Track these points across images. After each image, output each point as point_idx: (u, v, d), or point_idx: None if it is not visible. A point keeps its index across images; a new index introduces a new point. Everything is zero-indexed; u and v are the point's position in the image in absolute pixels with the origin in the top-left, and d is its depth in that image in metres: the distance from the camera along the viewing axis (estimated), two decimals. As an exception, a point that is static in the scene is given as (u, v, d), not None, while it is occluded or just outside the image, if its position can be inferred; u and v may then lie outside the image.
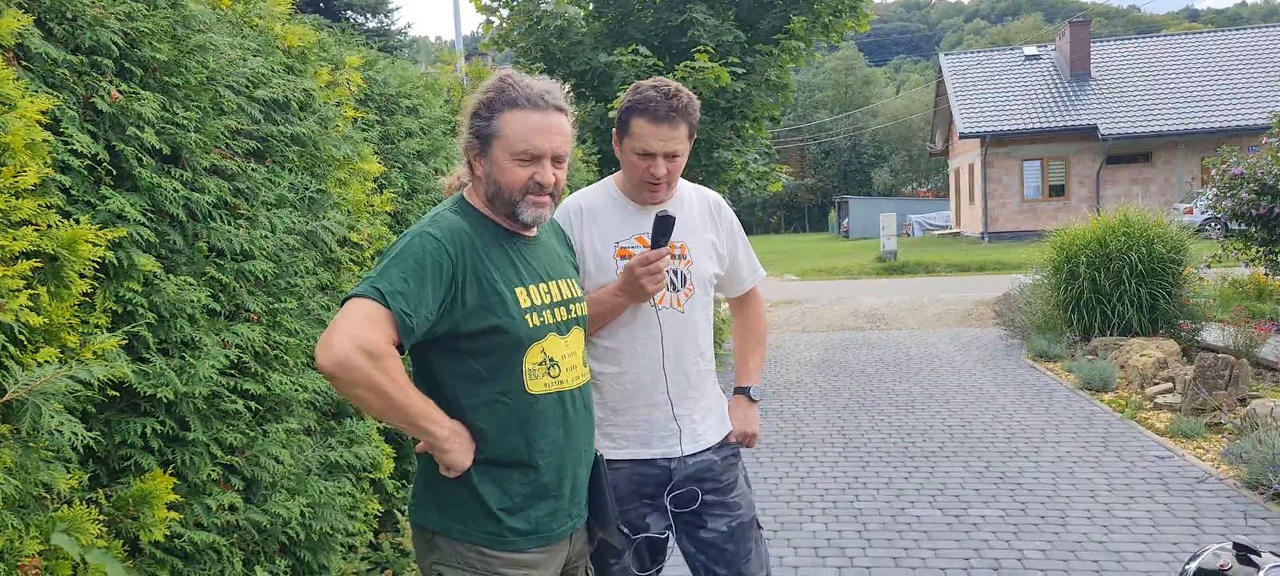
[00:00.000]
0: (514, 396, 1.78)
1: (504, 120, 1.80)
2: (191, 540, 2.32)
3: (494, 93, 1.82)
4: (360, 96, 3.84)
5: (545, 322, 1.82)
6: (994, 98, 27.24)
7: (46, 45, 2.10)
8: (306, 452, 2.90)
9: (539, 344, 1.80)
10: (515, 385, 1.78)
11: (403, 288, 1.65)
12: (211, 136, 2.56)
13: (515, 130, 1.80)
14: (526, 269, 1.84)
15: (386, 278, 1.66)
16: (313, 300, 3.02)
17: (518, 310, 1.77)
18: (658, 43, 9.13)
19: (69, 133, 2.11)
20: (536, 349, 1.79)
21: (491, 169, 1.81)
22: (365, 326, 1.61)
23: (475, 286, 1.74)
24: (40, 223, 1.96)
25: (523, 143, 1.80)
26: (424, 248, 1.70)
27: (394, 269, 1.67)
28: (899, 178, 51.52)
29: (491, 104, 1.81)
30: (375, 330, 1.61)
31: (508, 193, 1.82)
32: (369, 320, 1.62)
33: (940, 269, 20.45)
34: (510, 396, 1.78)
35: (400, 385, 1.64)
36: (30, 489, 1.87)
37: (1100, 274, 8.81)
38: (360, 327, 1.60)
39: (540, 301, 1.83)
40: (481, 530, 1.78)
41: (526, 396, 1.78)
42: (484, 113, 1.81)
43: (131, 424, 2.22)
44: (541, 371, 1.81)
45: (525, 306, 1.79)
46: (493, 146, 1.81)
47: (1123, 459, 5.50)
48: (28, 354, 1.88)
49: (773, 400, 7.69)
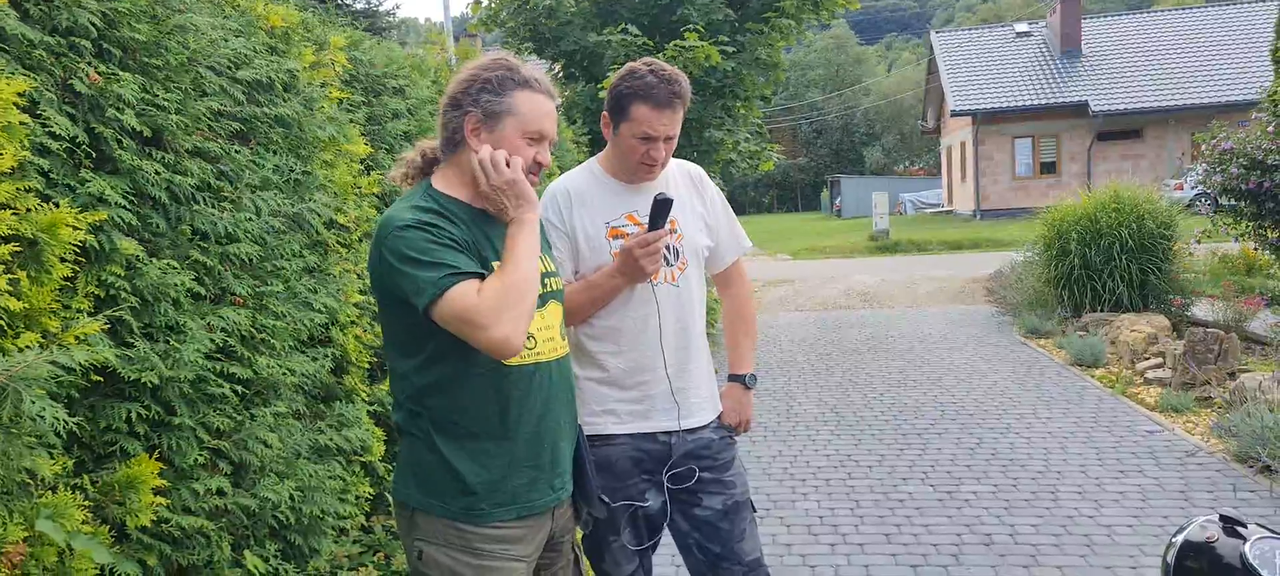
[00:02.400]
0: (485, 366, 1.77)
1: (518, 99, 1.81)
2: (179, 525, 2.31)
3: (503, 72, 1.81)
4: (345, 77, 3.80)
5: None
6: (985, 75, 27.21)
7: (22, 26, 2.06)
8: (295, 436, 2.89)
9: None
10: (495, 363, 1.77)
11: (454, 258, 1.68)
12: (193, 118, 2.53)
13: (530, 110, 1.82)
14: (499, 243, 1.83)
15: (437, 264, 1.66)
16: (299, 283, 3.00)
17: None
18: (647, 22, 9.07)
19: (47, 115, 2.08)
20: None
21: (498, 143, 1.82)
22: (474, 302, 1.64)
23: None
24: (19, 206, 1.93)
25: (536, 124, 1.83)
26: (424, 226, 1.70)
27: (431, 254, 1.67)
28: (891, 156, 51.50)
29: (503, 82, 1.81)
30: (475, 293, 1.65)
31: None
32: (471, 296, 1.65)
33: (933, 247, 20.47)
34: (481, 366, 1.77)
35: (509, 287, 1.67)
36: (13, 475, 1.85)
37: (1091, 250, 8.83)
38: (479, 309, 1.63)
39: None
40: (459, 504, 1.77)
41: (501, 367, 1.77)
42: (495, 89, 1.80)
43: (116, 409, 2.20)
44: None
45: None
46: (504, 123, 1.81)
47: (1113, 433, 5.53)
48: (8, 339, 1.86)
49: (765, 380, 7.70)
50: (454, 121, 1.81)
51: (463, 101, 1.80)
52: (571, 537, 2.04)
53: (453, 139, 1.83)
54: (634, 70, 2.21)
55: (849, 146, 51.99)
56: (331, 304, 3.15)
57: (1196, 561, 1.47)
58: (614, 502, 2.25)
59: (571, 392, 1.96)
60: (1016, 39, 28.80)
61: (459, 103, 1.80)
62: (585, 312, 2.24)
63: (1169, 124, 24.84)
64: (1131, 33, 27.51)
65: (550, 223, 2.27)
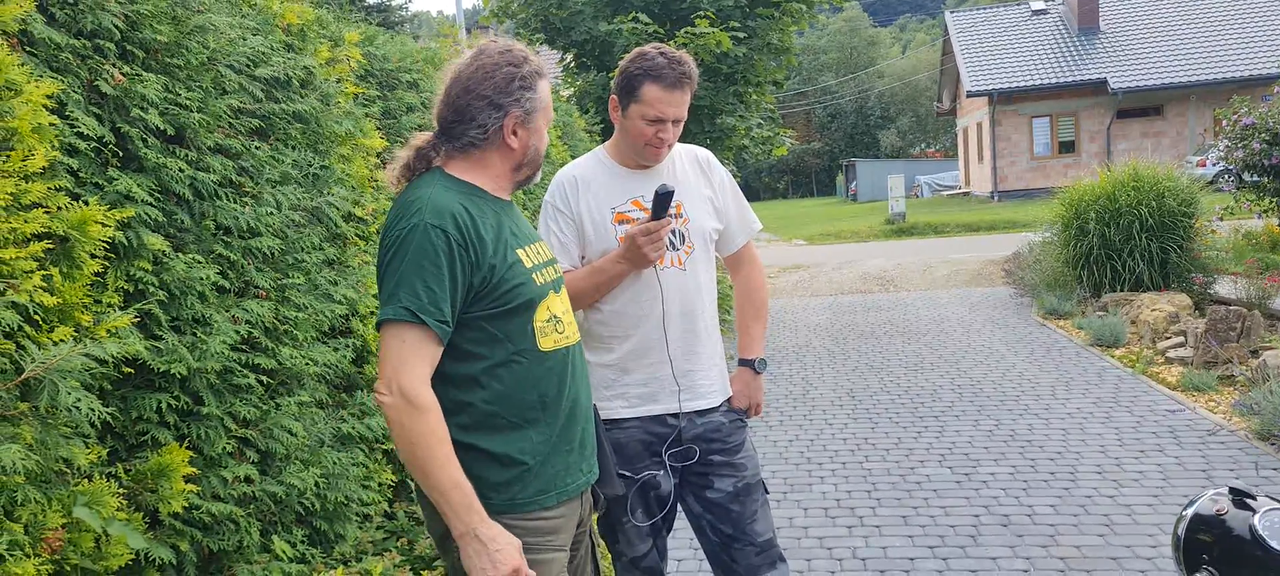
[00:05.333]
0: (528, 355, 1.78)
1: (542, 91, 1.86)
2: (209, 511, 2.38)
3: (526, 66, 1.81)
4: (361, 72, 3.85)
5: (546, 280, 1.85)
6: (1001, 54, 26.96)
7: (49, 30, 2.12)
8: (319, 425, 2.95)
9: (545, 301, 1.82)
10: (528, 343, 1.77)
11: (429, 295, 1.65)
12: (214, 116, 2.58)
13: (548, 100, 1.88)
14: (518, 231, 1.85)
15: (411, 291, 1.65)
16: (320, 275, 3.06)
17: (525, 269, 1.79)
18: (658, 9, 9.07)
19: (75, 116, 2.14)
20: (543, 306, 1.81)
21: (532, 138, 1.85)
22: (409, 362, 1.64)
23: (490, 254, 1.73)
24: (50, 205, 1.99)
25: (551, 110, 1.91)
26: (433, 241, 1.67)
27: (413, 275, 1.66)
28: (907, 139, 51.16)
29: (533, 78, 1.82)
30: (419, 357, 1.65)
31: (540, 156, 1.91)
32: (410, 349, 1.64)
33: (950, 229, 20.36)
34: (525, 355, 1.77)
35: (437, 442, 1.65)
36: (51, 464, 1.92)
37: (1110, 229, 8.76)
38: (403, 367, 1.64)
39: (538, 260, 1.85)
40: (503, 497, 1.75)
41: (539, 353, 1.78)
42: (531, 84, 1.81)
43: (147, 399, 2.27)
44: (550, 328, 1.82)
45: (529, 266, 1.81)
46: (536, 118, 1.84)
47: (1133, 413, 5.51)
48: (43, 333, 1.92)
49: (781, 364, 7.72)
50: (492, 120, 1.78)
51: (502, 101, 1.77)
52: (590, 525, 2.05)
53: (484, 136, 1.79)
54: (644, 53, 2.25)
55: (864, 130, 51.68)
56: (351, 295, 3.21)
57: (1207, 534, 1.49)
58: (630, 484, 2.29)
59: (587, 375, 1.99)
60: (1033, 17, 28.49)
61: (498, 103, 1.77)
62: (591, 298, 2.28)
63: (1190, 100, 24.54)
64: (1150, 8, 27.16)
65: (556, 209, 2.31)
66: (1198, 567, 1.46)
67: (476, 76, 1.78)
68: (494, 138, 1.80)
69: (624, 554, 2.42)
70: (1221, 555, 1.44)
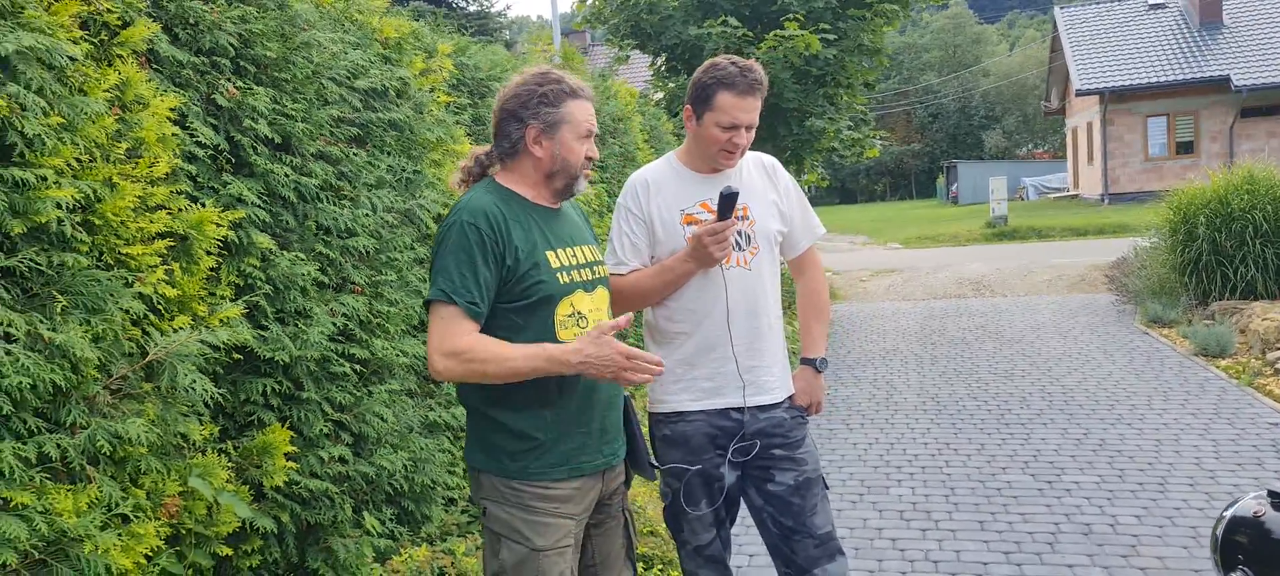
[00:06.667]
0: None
1: (571, 107, 2.06)
2: (308, 487, 2.60)
3: (554, 85, 2.05)
4: (452, 82, 4.07)
5: (573, 281, 2.05)
6: (1114, 51, 25.80)
7: (173, 49, 2.37)
8: (408, 412, 3.16)
9: (568, 298, 2.03)
10: (548, 335, 1.99)
11: (459, 279, 1.92)
12: (317, 125, 2.81)
13: (582, 115, 2.08)
14: (553, 235, 2.07)
15: (445, 274, 1.93)
16: (410, 273, 3.27)
17: (549, 270, 2.01)
18: (748, 12, 9.12)
19: (194, 126, 2.38)
20: (566, 303, 2.02)
21: (558, 149, 2.06)
22: (441, 333, 1.92)
23: (516, 250, 1.97)
24: (172, 207, 2.23)
25: (586, 125, 2.09)
26: (467, 235, 1.94)
27: (450, 263, 1.93)
28: (1013, 139, 49.41)
29: (557, 95, 2.05)
30: (452, 330, 1.91)
31: (573, 168, 2.09)
32: (443, 324, 1.92)
33: (1055, 233, 19.65)
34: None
35: (491, 356, 1.91)
36: (170, 438, 2.15)
37: (1221, 234, 8.37)
38: (438, 336, 1.92)
39: (568, 262, 2.06)
40: (516, 465, 2.00)
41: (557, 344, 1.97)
42: (551, 102, 2.04)
43: (254, 383, 2.50)
44: (571, 323, 2.04)
45: (555, 266, 2.02)
46: (561, 131, 2.05)
47: (1234, 426, 5.30)
48: (165, 321, 2.16)
49: (866, 367, 7.68)
50: (516, 132, 2.04)
51: (523, 115, 2.03)
52: (622, 500, 2.23)
53: (515, 147, 2.06)
54: (716, 63, 2.37)
55: (967, 130, 50.15)
56: (440, 292, 3.41)
57: (1243, 535, 1.51)
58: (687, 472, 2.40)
59: None
60: (1150, 12, 27.17)
61: (520, 116, 2.03)
62: (660, 295, 2.40)
63: (1322, 98, 22.98)
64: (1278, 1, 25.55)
65: (628, 210, 2.44)
66: (1233, 567, 1.49)
67: (508, 95, 2.07)
68: (521, 147, 2.05)
69: (688, 542, 2.53)
70: (1257, 555, 1.47)
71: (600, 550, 2.20)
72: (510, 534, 2.01)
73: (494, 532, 2.04)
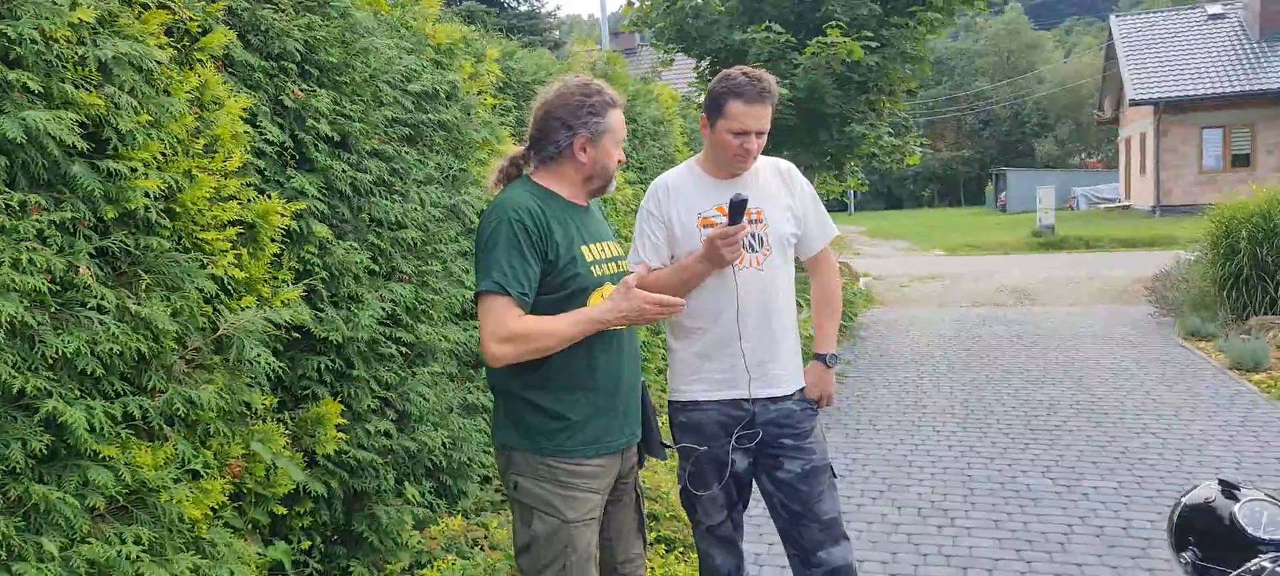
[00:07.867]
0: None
1: (612, 117, 2.26)
2: (355, 457, 2.84)
3: (597, 97, 2.24)
4: (499, 84, 4.30)
5: (603, 274, 2.25)
6: (1170, 61, 25.31)
7: (246, 54, 2.62)
8: (449, 393, 3.39)
9: (600, 290, 2.22)
10: None
11: (510, 271, 2.07)
12: (373, 125, 3.05)
13: (620, 125, 2.29)
14: (585, 231, 2.26)
15: (497, 267, 2.08)
16: (455, 264, 3.50)
17: (584, 262, 2.20)
18: (792, 18, 9.24)
19: (263, 125, 2.63)
20: (598, 294, 2.21)
21: (599, 155, 2.25)
22: (495, 321, 2.07)
23: (556, 244, 2.15)
24: (242, 198, 2.48)
25: (622, 131, 2.31)
26: (514, 230, 2.09)
27: (500, 255, 2.08)
28: (1065, 148, 48.55)
29: (604, 107, 2.24)
30: (506, 317, 2.06)
31: (610, 172, 2.31)
32: (497, 313, 2.07)
33: (1104, 244, 19.38)
34: None
35: (545, 332, 2.09)
36: (235, 406, 2.40)
37: (1263, 249, 8.31)
38: (492, 324, 2.07)
39: (599, 256, 2.26)
40: (552, 443, 2.18)
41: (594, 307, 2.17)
42: (598, 112, 2.23)
43: (309, 360, 2.74)
44: None
45: (589, 260, 2.22)
46: (604, 139, 2.25)
47: (1259, 439, 5.33)
48: (233, 301, 2.41)
49: (897, 371, 7.77)
50: (564, 139, 2.21)
51: (573, 123, 2.21)
52: (635, 477, 2.44)
53: (559, 151, 2.22)
54: (728, 74, 2.55)
55: (1018, 138, 49.38)
56: (481, 283, 3.64)
57: (1195, 519, 1.66)
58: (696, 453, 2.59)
59: (638, 356, 2.38)
60: (1208, 22, 26.61)
61: (569, 125, 2.20)
62: (678, 293, 2.58)
63: (1388, 112, 22.32)
64: (1346, 11, 24.83)
65: (650, 212, 2.63)
66: (1185, 547, 1.64)
67: (555, 102, 2.22)
68: (567, 153, 2.23)
69: (702, 522, 2.71)
70: (1205, 536, 1.62)
71: (616, 523, 2.40)
72: (543, 506, 2.17)
73: (526, 506, 2.20)
